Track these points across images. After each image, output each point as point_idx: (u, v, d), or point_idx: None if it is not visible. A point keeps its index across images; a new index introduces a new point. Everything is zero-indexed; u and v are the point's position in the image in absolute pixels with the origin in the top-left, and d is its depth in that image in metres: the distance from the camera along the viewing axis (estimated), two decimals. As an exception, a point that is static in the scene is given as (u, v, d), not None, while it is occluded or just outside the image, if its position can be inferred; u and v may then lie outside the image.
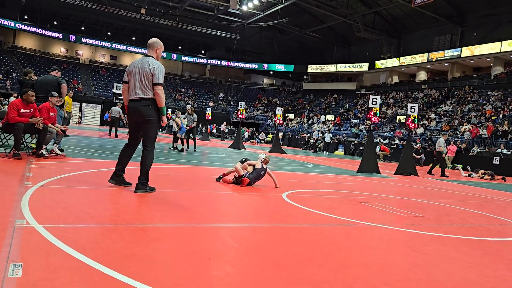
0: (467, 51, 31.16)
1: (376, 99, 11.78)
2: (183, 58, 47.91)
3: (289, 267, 2.52)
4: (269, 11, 36.91)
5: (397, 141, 25.54)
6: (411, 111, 12.45)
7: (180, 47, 49.86)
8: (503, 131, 21.17)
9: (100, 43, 44.59)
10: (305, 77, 47.83)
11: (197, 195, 4.97)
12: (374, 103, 11.72)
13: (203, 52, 50.98)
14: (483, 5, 30.02)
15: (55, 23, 44.09)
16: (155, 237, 2.95)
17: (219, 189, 5.68)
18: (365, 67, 40.75)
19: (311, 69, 45.08)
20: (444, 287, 2.47)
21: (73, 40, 43.08)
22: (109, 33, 47.45)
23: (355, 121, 34.10)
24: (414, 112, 12.40)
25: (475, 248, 3.61)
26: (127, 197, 4.30)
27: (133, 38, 48.69)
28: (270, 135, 35.81)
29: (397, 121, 31.01)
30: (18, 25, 40.01)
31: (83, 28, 45.88)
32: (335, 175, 10.35)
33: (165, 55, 44.09)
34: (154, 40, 4.75)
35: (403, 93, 35.94)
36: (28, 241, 2.43)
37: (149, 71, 4.45)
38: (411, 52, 36.33)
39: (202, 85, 49.37)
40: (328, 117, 38.53)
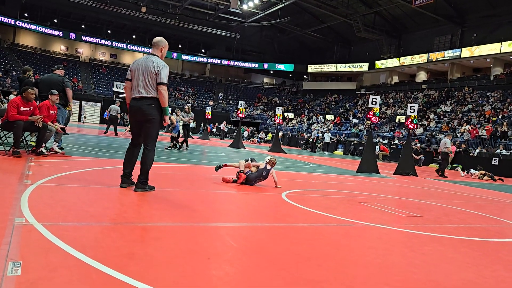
0: (467, 52, 31.16)
1: (375, 99, 11.78)
2: (183, 57, 47.87)
3: (288, 267, 2.53)
4: (269, 10, 36.91)
5: (397, 141, 25.56)
6: (410, 112, 12.46)
7: (180, 46, 49.83)
8: (502, 132, 21.18)
9: (100, 41, 44.54)
10: (305, 76, 47.83)
11: (196, 194, 4.98)
12: (373, 103, 11.72)
13: (203, 51, 50.96)
14: (483, 5, 30.02)
15: (56, 21, 44.04)
16: (154, 236, 2.95)
17: (219, 188, 5.69)
18: (365, 67, 40.75)
19: (311, 68, 45.08)
20: (442, 287, 2.48)
21: (73, 38, 43.04)
22: (109, 32, 47.41)
23: (355, 121, 34.12)
24: (413, 112, 12.41)
25: (474, 248, 3.62)
26: (126, 196, 4.30)
27: (134, 36, 48.67)
28: (270, 135, 35.82)
29: (397, 121, 31.03)
30: (18, 23, 39.94)
31: (83, 26, 45.82)
32: (335, 175, 10.36)
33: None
34: (159, 39, 4.71)
35: (402, 93, 35.95)
36: (27, 240, 2.43)
37: (153, 70, 4.41)
38: (411, 52, 36.33)
39: (202, 84, 49.36)
40: (327, 116, 38.54)
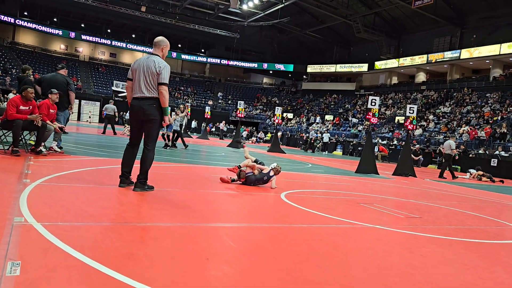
0: (466, 53, 31.20)
1: (375, 100, 11.78)
2: (183, 56, 47.85)
3: (286, 268, 2.53)
4: (269, 10, 36.90)
5: (396, 142, 25.58)
6: (409, 112, 12.47)
7: (180, 46, 49.80)
8: (501, 133, 21.21)
9: (100, 40, 44.50)
10: (305, 77, 47.84)
11: (195, 194, 4.97)
12: (373, 104, 11.72)
13: (203, 50, 50.94)
14: (483, 7, 30.06)
15: (55, 19, 44.00)
16: (153, 236, 2.95)
17: (218, 188, 5.69)
18: (364, 67, 40.77)
19: (311, 69, 45.10)
20: (441, 289, 2.48)
21: (73, 37, 42.99)
22: (109, 31, 47.39)
23: (354, 121, 34.14)
24: (412, 113, 12.42)
25: (472, 250, 3.63)
26: (125, 195, 4.30)
27: (133, 35, 48.65)
28: (269, 135, 35.83)
29: (396, 122, 31.06)
30: (17, 21, 39.89)
31: (83, 25, 45.78)
32: (334, 175, 10.37)
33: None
34: (160, 38, 4.69)
35: (402, 94, 35.98)
36: (26, 239, 2.43)
37: (154, 70, 4.40)
38: (410, 53, 36.35)
39: (201, 83, 49.35)
40: (327, 117, 38.57)
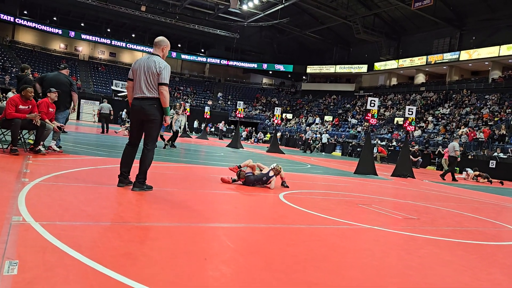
0: (465, 55, 31.26)
1: (374, 101, 11.78)
2: (183, 56, 47.85)
3: (284, 268, 2.53)
4: (269, 11, 36.93)
5: (394, 143, 25.60)
6: (409, 114, 12.48)
7: (179, 45, 49.81)
8: (500, 135, 21.24)
9: (99, 40, 44.49)
10: (304, 77, 47.88)
11: (194, 194, 4.97)
12: (372, 105, 11.73)
13: (202, 50, 50.94)
14: (483, 9, 30.11)
15: (55, 18, 43.97)
16: (151, 236, 2.95)
17: (217, 188, 5.69)
18: (364, 68, 40.82)
19: (310, 69, 45.13)
20: (438, 290, 2.49)
21: (72, 36, 42.97)
22: (108, 30, 47.37)
23: (353, 122, 34.16)
24: (412, 114, 12.43)
25: (470, 251, 3.63)
26: (124, 195, 4.30)
27: (133, 35, 48.64)
28: (268, 135, 35.84)
29: (395, 123, 31.09)
30: (17, 20, 39.86)
31: (82, 24, 45.77)
32: (332, 176, 10.38)
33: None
34: (160, 38, 4.70)
35: (401, 95, 36.03)
36: (24, 238, 2.43)
37: (155, 70, 4.42)
38: (410, 54, 36.41)
39: (201, 83, 49.35)
40: (326, 117, 38.60)
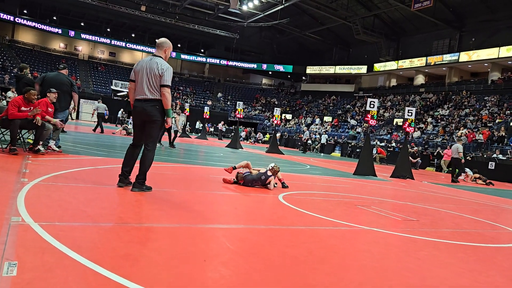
0: (465, 56, 31.29)
1: (374, 102, 11.78)
2: (182, 56, 47.82)
3: (284, 270, 2.53)
4: (269, 11, 36.92)
5: (394, 144, 25.61)
6: (408, 115, 12.49)
7: (179, 45, 49.76)
8: (499, 136, 21.27)
9: (99, 39, 44.44)
10: (304, 78, 47.88)
11: (193, 195, 4.97)
12: (372, 106, 11.73)
13: (202, 50, 50.93)
14: (482, 10, 30.14)
15: (55, 18, 43.93)
16: (151, 237, 2.95)
17: (216, 189, 5.69)
18: (363, 69, 40.83)
19: (310, 70, 45.13)
20: (437, 292, 2.49)
21: (72, 35, 42.92)
22: (108, 30, 47.34)
23: (352, 122, 34.17)
24: (411, 115, 12.44)
25: (469, 254, 3.64)
26: (123, 196, 4.30)
27: (133, 35, 48.61)
28: (267, 135, 35.86)
29: (394, 124, 31.11)
30: (17, 19, 39.80)
31: (82, 24, 45.73)
32: (332, 177, 10.38)
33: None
34: (163, 40, 4.73)
35: (400, 96, 36.05)
36: (23, 239, 2.42)
37: (157, 72, 4.44)
38: (409, 55, 36.43)
39: (200, 83, 49.33)
40: (325, 118, 38.62)
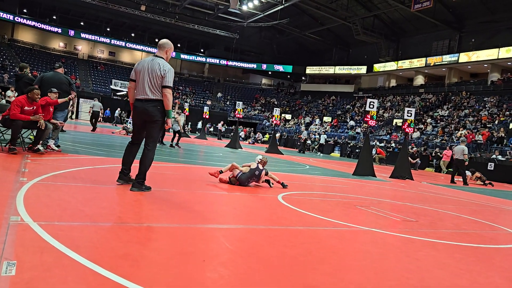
0: (464, 57, 31.31)
1: (373, 103, 11.78)
2: (182, 56, 47.79)
3: (283, 270, 2.53)
4: (269, 11, 36.91)
5: (393, 145, 25.61)
6: (407, 115, 12.49)
7: (179, 45, 49.73)
8: (499, 137, 21.28)
9: (99, 39, 44.40)
10: (303, 78, 47.88)
11: (193, 195, 4.97)
12: (371, 106, 11.73)
13: (202, 50, 50.92)
14: (482, 11, 30.17)
15: (54, 17, 43.89)
16: (150, 237, 2.95)
17: (215, 189, 5.69)
18: (363, 70, 40.84)
19: (310, 70, 45.13)
20: (436, 293, 2.49)
21: (72, 35, 42.88)
22: (108, 29, 47.31)
23: (351, 123, 34.18)
24: (410, 116, 12.45)
25: (468, 254, 3.64)
26: (122, 195, 4.30)
27: (132, 34, 48.58)
28: (267, 135, 35.86)
29: (394, 124, 31.12)
30: (16, 18, 39.74)
31: (82, 23, 45.70)
32: (331, 177, 10.38)
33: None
34: (165, 41, 4.76)
35: (400, 96, 36.05)
36: (22, 239, 2.42)
37: (159, 73, 4.48)
38: (409, 56, 36.44)
39: (200, 83, 49.32)
40: (325, 118, 38.63)
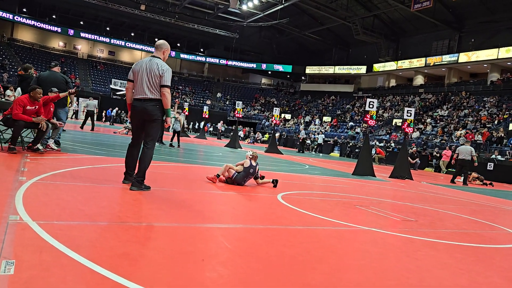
0: (464, 57, 31.33)
1: (373, 102, 11.77)
2: (182, 55, 47.81)
3: (282, 270, 2.53)
4: (269, 11, 36.92)
5: (393, 144, 25.61)
6: (407, 116, 12.49)
7: (179, 45, 49.78)
8: (498, 137, 21.29)
9: (98, 38, 44.41)
10: (303, 78, 47.89)
11: (192, 194, 4.97)
12: (371, 106, 11.73)
13: (201, 50, 50.91)
14: (482, 11, 30.18)
15: (54, 16, 43.87)
16: (149, 236, 2.95)
17: (215, 188, 5.68)
18: (363, 69, 40.85)
19: (309, 70, 45.14)
20: (435, 293, 2.49)
21: (71, 34, 42.87)
22: (108, 29, 47.29)
23: (351, 124, 34.19)
24: (410, 116, 12.44)
25: (468, 254, 3.64)
26: (122, 195, 4.29)
27: (132, 34, 48.56)
28: (266, 135, 35.86)
29: (393, 124, 31.13)
30: (16, 18, 39.73)
31: (82, 22, 45.68)
32: (330, 177, 10.37)
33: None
34: (162, 42, 4.87)
35: (400, 96, 36.07)
36: (21, 238, 2.42)
37: (158, 72, 4.56)
38: (409, 56, 36.46)
39: (200, 83, 49.32)
40: (325, 118, 38.64)
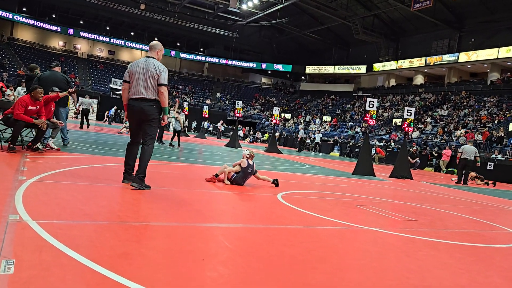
0: (464, 56, 31.32)
1: (373, 102, 11.77)
2: (182, 55, 47.79)
3: (282, 269, 2.52)
4: (268, 10, 36.89)
5: (393, 144, 25.60)
6: (407, 115, 12.49)
7: (178, 44, 49.76)
8: (498, 137, 21.30)
9: (98, 38, 44.39)
10: (303, 77, 47.88)
11: (192, 194, 4.96)
12: (371, 105, 11.72)
13: (201, 49, 50.89)
14: (482, 11, 30.17)
15: (54, 16, 43.82)
16: (149, 235, 2.94)
17: (214, 188, 5.67)
18: (363, 69, 40.84)
19: (309, 69, 45.12)
20: (436, 293, 2.48)
21: (71, 33, 42.83)
22: (107, 28, 47.25)
23: (351, 123, 34.20)
24: (410, 116, 12.44)
25: (468, 254, 3.64)
26: (122, 194, 4.29)
27: (132, 33, 48.53)
28: (266, 135, 35.86)
29: (393, 124, 31.13)
30: (16, 17, 39.69)
31: (81, 22, 45.65)
32: (330, 176, 10.37)
33: (163, 51, 44.50)
34: (155, 42, 5.00)
35: (399, 96, 36.06)
36: (21, 237, 2.41)
37: (154, 72, 4.64)
38: (409, 55, 36.45)
39: (199, 82, 49.30)
40: (324, 118, 38.64)
